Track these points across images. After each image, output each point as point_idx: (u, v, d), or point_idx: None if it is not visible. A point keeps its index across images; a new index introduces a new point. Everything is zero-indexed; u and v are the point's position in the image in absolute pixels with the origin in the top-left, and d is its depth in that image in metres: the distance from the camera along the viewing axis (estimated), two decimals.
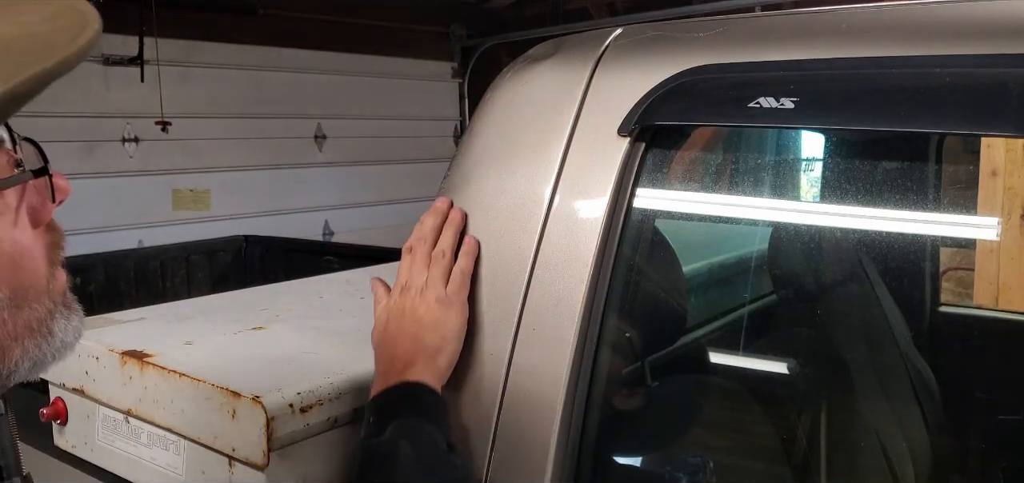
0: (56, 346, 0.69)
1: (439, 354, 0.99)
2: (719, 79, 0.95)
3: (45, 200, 0.68)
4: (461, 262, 1.03)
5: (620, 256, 0.97)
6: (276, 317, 1.50)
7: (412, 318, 1.01)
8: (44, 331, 0.68)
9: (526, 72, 1.11)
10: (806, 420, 1.08)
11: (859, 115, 0.87)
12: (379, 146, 6.14)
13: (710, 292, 1.34)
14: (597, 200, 0.97)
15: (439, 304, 1.00)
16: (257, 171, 5.42)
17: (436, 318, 0.99)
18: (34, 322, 0.67)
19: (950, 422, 1.16)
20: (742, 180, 1.09)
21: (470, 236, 1.06)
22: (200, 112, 5.00)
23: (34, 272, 0.67)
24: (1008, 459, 0.99)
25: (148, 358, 1.26)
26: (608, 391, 1.02)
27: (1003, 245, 1.36)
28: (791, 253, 1.16)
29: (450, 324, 1.00)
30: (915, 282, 1.13)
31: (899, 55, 0.85)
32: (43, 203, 0.68)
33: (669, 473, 1.05)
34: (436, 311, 1.00)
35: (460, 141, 1.17)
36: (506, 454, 0.96)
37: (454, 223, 1.06)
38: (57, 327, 0.69)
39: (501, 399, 0.97)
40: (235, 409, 1.10)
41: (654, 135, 0.98)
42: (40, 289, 0.67)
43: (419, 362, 0.98)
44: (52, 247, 0.69)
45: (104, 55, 4.63)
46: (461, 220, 1.06)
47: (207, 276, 3.95)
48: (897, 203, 0.96)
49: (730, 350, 1.17)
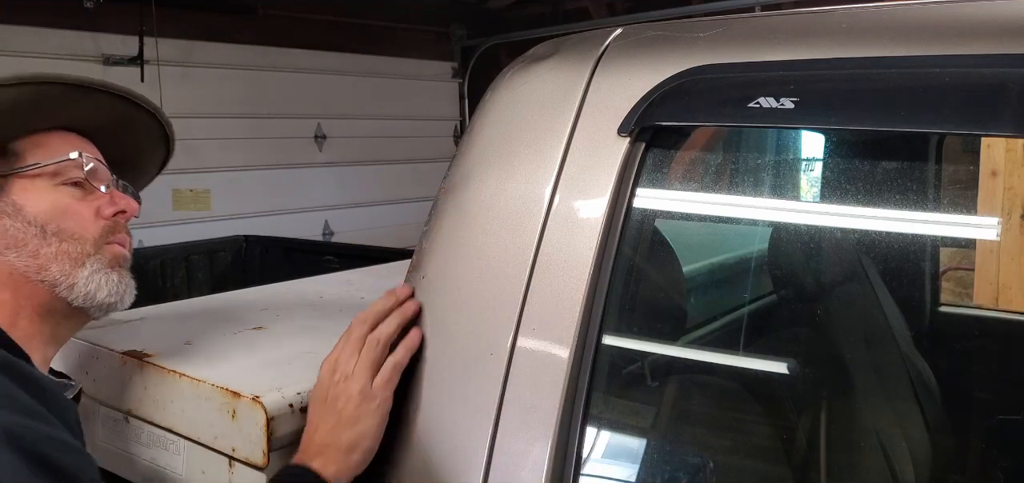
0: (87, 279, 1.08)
1: (353, 451, 1.01)
2: (719, 79, 0.95)
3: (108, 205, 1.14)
4: (397, 354, 1.04)
5: (620, 256, 0.97)
6: (276, 317, 1.50)
7: (333, 408, 1.02)
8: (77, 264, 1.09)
9: (526, 72, 1.11)
10: (806, 420, 1.08)
11: (859, 115, 0.87)
12: (379, 146, 6.14)
13: (710, 292, 1.34)
14: (597, 200, 0.97)
15: (362, 397, 1.01)
16: (257, 171, 5.42)
17: (355, 414, 1.01)
18: (70, 254, 1.08)
19: (950, 422, 1.16)
20: (742, 180, 1.09)
21: (416, 329, 1.06)
22: (200, 112, 5.00)
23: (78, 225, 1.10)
24: (1008, 459, 0.99)
25: (148, 358, 1.26)
26: (608, 391, 1.02)
27: (1003, 245, 1.36)
28: (791, 253, 1.16)
29: (368, 423, 1.01)
30: (915, 282, 1.13)
31: (899, 55, 0.85)
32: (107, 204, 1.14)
33: (669, 473, 1.05)
34: (356, 406, 1.01)
35: (460, 141, 1.17)
36: (506, 454, 0.96)
37: (402, 313, 1.07)
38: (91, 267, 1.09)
39: (501, 399, 0.97)
40: (235, 409, 1.10)
41: (654, 135, 0.98)
42: (81, 238, 1.10)
43: (329, 453, 1.00)
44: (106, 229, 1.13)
45: (104, 55, 4.64)
46: (412, 312, 1.07)
47: (207, 276, 3.94)
48: (897, 203, 0.96)
49: (730, 350, 1.17)
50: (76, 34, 4.56)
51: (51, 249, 1.07)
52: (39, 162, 1.10)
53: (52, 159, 1.11)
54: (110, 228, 1.13)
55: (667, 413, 1.10)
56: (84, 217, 1.11)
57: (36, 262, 1.06)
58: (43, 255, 1.07)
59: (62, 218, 1.09)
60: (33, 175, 1.10)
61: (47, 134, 1.14)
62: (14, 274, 1.06)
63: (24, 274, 1.06)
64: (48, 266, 1.07)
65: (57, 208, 1.09)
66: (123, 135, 1.24)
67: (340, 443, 1.00)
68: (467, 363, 1.01)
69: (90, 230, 1.11)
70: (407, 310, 1.07)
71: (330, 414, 1.02)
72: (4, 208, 1.07)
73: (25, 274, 1.06)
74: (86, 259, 1.09)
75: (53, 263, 1.07)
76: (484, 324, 1.01)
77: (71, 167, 1.12)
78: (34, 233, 1.07)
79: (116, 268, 1.13)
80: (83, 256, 1.09)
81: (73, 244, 1.09)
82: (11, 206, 1.07)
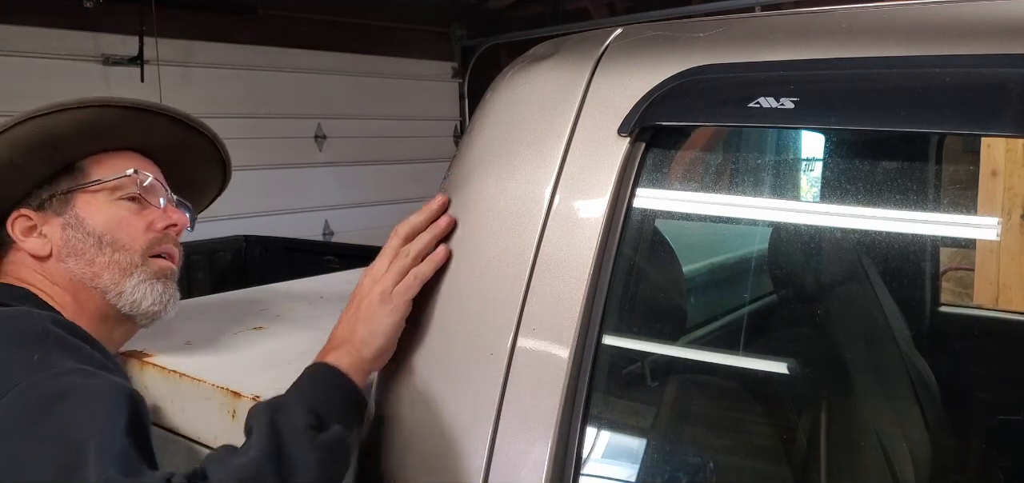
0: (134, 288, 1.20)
1: (365, 347, 1.04)
2: (719, 79, 0.95)
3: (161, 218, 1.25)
4: (422, 266, 1.06)
5: (620, 256, 0.97)
6: (276, 317, 1.50)
7: (355, 306, 1.07)
8: (125, 273, 1.20)
9: (526, 72, 1.11)
10: (806, 420, 1.08)
11: (859, 115, 0.87)
12: (379, 146, 6.13)
13: (710, 292, 1.34)
14: (597, 200, 0.97)
15: (380, 298, 1.05)
16: (257, 171, 5.42)
17: (370, 314, 1.05)
18: (120, 263, 1.20)
19: (950, 422, 1.16)
20: (742, 180, 1.08)
21: (443, 246, 1.07)
22: (200, 112, 4.95)
23: (129, 237, 1.22)
24: (1008, 459, 0.99)
25: (148, 358, 1.26)
26: (608, 391, 1.02)
27: (1003, 245, 1.36)
28: (791, 253, 1.16)
29: (380, 322, 1.04)
30: (915, 282, 1.13)
31: (899, 55, 0.85)
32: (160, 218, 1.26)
33: (669, 473, 1.05)
34: (374, 306, 1.05)
35: (460, 141, 1.17)
36: (506, 454, 0.96)
37: (436, 229, 1.08)
38: (138, 277, 1.21)
39: (501, 399, 0.97)
40: (235, 409, 1.10)
41: (654, 135, 0.98)
42: (131, 249, 1.22)
43: (344, 347, 1.04)
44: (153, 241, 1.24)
45: (104, 55, 4.64)
46: (445, 227, 1.08)
47: (207, 276, 3.95)
48: (897, 203, 0.96)
49: (730, 350, 1.17)
50: (76, 34, 4.56)
51: (105, 258, 1.20)
52: (100, 179, 1.23)
53: (112, 176, 1.23)
54: (159, 240, 1.25)
55: (667, 413, 1.09)
56: (136, 229, 1.23)
57: (91, 269, 1.19)
58: (98, 264, 1.20)
59: (116, 230, 1.22)
60: (95, 190, 1.23)
61: (111, 154, 1.26)
62: (74, 280, 1.19)
63: (81, 280, 1.19)
64: (101, 274, 1.19)
65: (113, 220, 1.22)
66: (183, 156, 1.36)
67: (354, 338, 1.04)
68: (467, 363, 1.01)
69: (139, 241, 1.23)
70: (440, 226, 1.08)
71: (351, 312, 1.07)
72: (68, 220, 1.21)
73: (82, 280, 1.19)
74: (134, 269, 1.21)
75: (105, 271, 1.20)
76: (484, 324, 1.01)
77: (129, 183, 1.24)
78: (92, 243, 1.20)
79: (162, 279, 1.24)
80: (132, 266, 1.21)
81: (123, 254, 1.21)
82: (74, 218, 1.21)
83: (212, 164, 1.43)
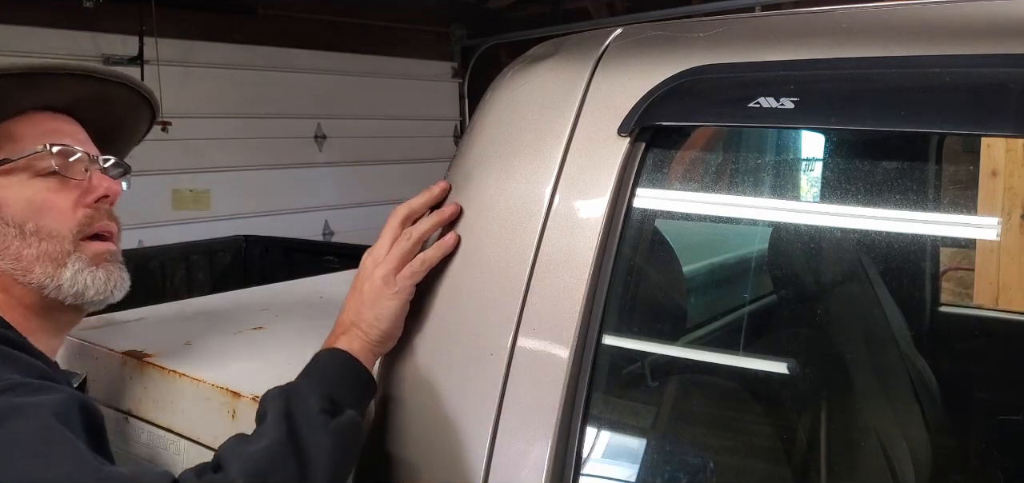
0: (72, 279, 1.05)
1: (372, 330, 1.03)
2: (719, 79, 0.95)
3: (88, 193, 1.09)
4: (428, 252, 1.05)
5: (620, 256, 0.97)
6: (276, 317, 1.50)
7: (359, 290, 1.05)
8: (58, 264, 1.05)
9: (526, 72, 1.11)
10: (806, 420, 1.08)
11: (859, 115, 0.86)
12: (379, 146, 6.14)
13: (710, 292, 1.34)
14: (597, 200, 0.97)
15: (383, 283, 1.03)
16: (257, 171, 5.42)
17: (374, 298, 1.03)
18: (50, 254, 1.04)
19: (950, 422, 1.16)
20: (742, 180, 1.08)
21: (453, 232, 1.06)
22: (200, 112, 5.00)
23: (55, 221, 1.05)
24: (1008, 459, 0.99)
25: (148, 358, 1.26)
26: (608, 391, 1.02)
27: (1003, 245, 1.36)
28: (791, 253, 1.16)
29: (385, 306, 1.03)
30: (915, 282, 1.13)
31: (899, 55, 0.85)
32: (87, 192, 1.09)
33: (669, 473, 1.05)
34: (377, 290, 1.03)
35: (460, 141, 1.17)
36: (506, 454, 0.96)
37: (440, 214, 1.07)
38: (73, 267, 1.05)
39: (501, 399, 0.97)
40: (235, 409, 1.10)
41: (654, 135, 0.98)
42: (59, 235, 1.05)
43: (353, 331, 1.03)
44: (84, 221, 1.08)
45: (104, 55, 4.64)
46: (450, 214, 1.07)
47: (207, 276, 3.95)
48: (897, 203, 0.96)
49: (730, 350, 1.17)
50: (76, 34, 4.56)
51: (32, 250, 1.04)
52: (9, 157, 1.05)
53: (21, 154, 1.05)
54: (90, 218, 1.08)
55: (667, 413, 1.10)
56: (62, 210, 1.06)
57: (20, 265, 1.04)
58: (25, 257, 1.04)
59: (39, 215, 1.05)
60: (6, 171, 1.05)
61: (20, 120, 1.08)
62: (2, 276, 1.04)
63: (11, 276, 1.04)
64: (31, 269, 1.04)
65: (33, 204, 1.05)
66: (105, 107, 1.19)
67: (361, 322, 1.03)
68: (467, 363, 1.01)
69: (67, 224, 1.06)
70: (445, 212, 1.07)
71: (356, 296, 1.05)
72: None
73: (12, 276, 1.04)
74: (66, 258, 1.05)
75: (36, 265, 1.04)
76: (484, 324, 1.01)
77: (43, 158, 1.06)
78: (14, 234, 1.04)
79: (101, 264, 1.08)
80: (64, 255, 1.05)
81: (52, 242, 1.05)
82: None
83: (137, 107, 1.25)
